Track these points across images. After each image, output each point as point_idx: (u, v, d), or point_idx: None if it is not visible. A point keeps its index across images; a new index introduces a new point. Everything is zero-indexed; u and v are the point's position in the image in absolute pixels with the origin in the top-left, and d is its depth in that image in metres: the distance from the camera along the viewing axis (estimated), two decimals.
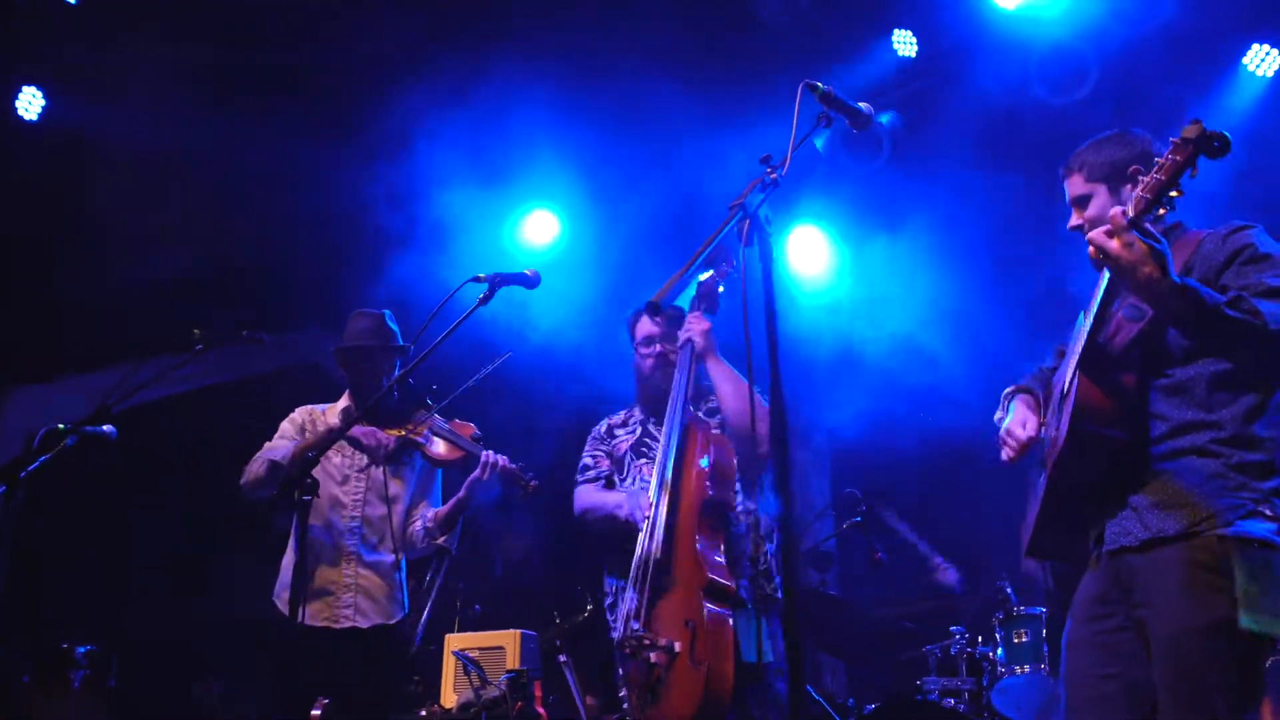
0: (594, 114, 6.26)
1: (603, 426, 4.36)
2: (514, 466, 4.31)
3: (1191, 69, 5.54)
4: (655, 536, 3.76)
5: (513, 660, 4.83)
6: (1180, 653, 2.68)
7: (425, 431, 4.29)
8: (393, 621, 4.44)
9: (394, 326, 4.60)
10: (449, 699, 4.82)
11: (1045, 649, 4.76)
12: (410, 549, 4.56)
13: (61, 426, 4.17)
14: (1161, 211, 2.65)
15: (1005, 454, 3.15)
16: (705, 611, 3.54)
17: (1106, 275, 2.82)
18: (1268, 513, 2.74)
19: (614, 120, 6.33)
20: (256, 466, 4.36)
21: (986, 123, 6.03)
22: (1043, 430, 3.11)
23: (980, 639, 5.02)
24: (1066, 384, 2.93)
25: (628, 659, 3.69)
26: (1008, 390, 3.37)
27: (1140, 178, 2.85)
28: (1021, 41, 5.86)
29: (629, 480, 4.17)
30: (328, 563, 4.36)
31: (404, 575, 4.54)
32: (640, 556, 3.79)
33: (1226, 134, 2.57)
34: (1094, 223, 3.03)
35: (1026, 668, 4.78)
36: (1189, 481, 2.78)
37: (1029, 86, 5.85)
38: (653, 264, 6.76)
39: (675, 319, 4.09)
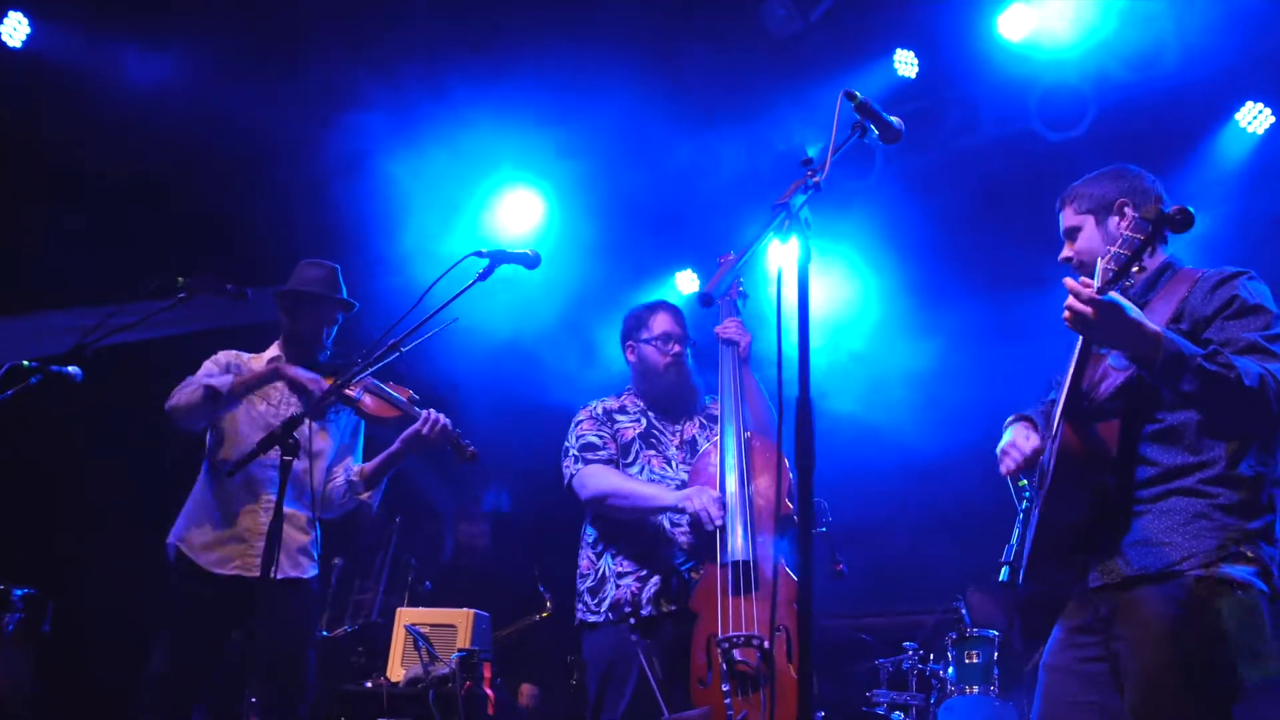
0: (584, 104, 6.24)
1: (597, 409, 4.30)
2: (454, 430, 4.18)
3: (1186, 120, 5.65)
4: (737, 542, 3.83)
5: (464, 639, 4.79)
6: (1155, 689, 2.73)
7: (358, 388, 4.15)
8: (306, 576, 4.31)
9: (342, 282, 4.48)
10: (396, 672, 4.77)
11: (996, 672, 4.83)
12: (328, 507, 4.40)
13: (26, 363, 4.09)
14: (1128, 284, 2.75)
15: (1005, 466, 3.20)
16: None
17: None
18: (1249, 554, 2.79)
19: (604, 110, 6.30)
20: (190, 391, 4.16)
21: (979, 151, 6.13)
22: (1042, 456, 3.16)
23: (932, 656, 5.08)
24: (1055, 425, 2.99)
25: (729, 654, 3.64)
26: (1010, 418, 3.42)
27: (1126, 211, 2.97)
28: (1023, 75, 5.95)
29: (636, 468, 4.17)
30: (243, 509, 4.20)
31: (318, 533, 4.42)
32: (731, 556, 3.81)
33: (1189, 208, 2.65)
34: (1081, 254, 3.13)
35: (975, 688, 4.85)
36: (1172, 521, 2.83)
37: (1026, 119, 5.94)
38: (627, 258, 6.83)
39: (681, 321, 4.24)
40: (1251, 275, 2.96)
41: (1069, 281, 2.73)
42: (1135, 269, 2.72)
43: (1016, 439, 3.21)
